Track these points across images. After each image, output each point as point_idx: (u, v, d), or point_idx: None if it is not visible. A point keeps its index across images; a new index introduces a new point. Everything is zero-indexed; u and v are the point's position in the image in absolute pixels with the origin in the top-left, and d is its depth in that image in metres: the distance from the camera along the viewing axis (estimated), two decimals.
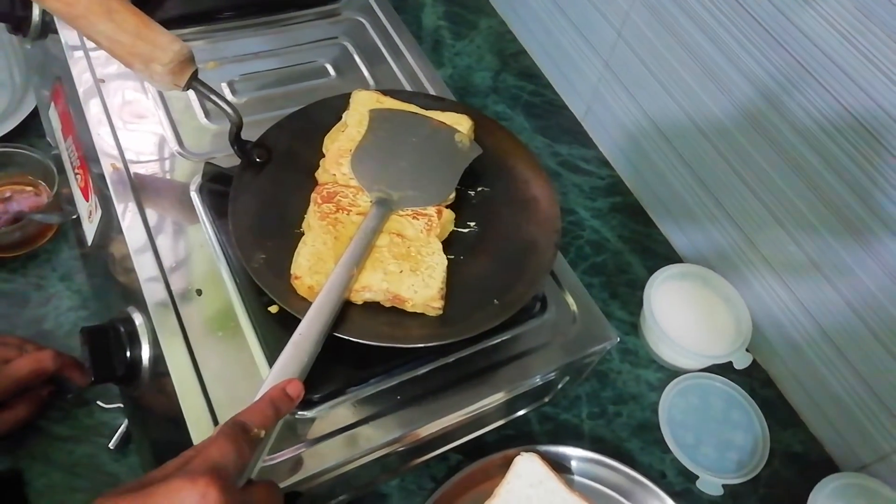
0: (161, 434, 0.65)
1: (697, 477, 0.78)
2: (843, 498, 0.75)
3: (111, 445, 0.71)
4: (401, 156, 0.67)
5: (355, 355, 0.59)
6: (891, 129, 0.65)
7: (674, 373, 0.86)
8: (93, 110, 0.73)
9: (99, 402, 0.73)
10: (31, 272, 0.82)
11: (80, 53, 0.77)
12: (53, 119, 0.81)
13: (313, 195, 0.63)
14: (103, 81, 0.74)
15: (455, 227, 0.66)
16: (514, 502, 0.70)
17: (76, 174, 0.75)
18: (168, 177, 0.70)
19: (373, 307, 0.59)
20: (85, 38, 0.73)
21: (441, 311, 0.59)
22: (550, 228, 0.66)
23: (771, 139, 0.78)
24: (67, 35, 0.78)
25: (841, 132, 0.70)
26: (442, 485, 0.70)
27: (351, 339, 0.56)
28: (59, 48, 0.78)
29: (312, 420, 0.58)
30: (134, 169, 0.69)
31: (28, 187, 0.86)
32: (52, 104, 0.81)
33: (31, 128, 0.91)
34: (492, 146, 0.71)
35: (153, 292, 0.61)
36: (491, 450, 0.73)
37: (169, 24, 0.61)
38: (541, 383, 0.66)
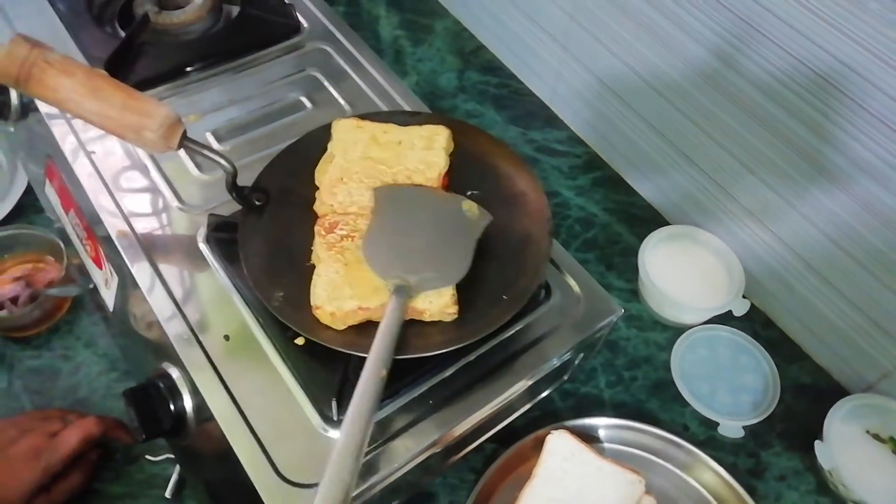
0: (215, 474, 0.68)
1: (718, 424, 0.82)
2: (857, 419, 0.79)
3: (167, 494, 0.74)
4: (412, 234, 0.65)
5: None
6: (844, 74, 0.69)
7: (679, 330, 0.90)
8: (89, 182, 0.75)
9: (147, 457, 0.76)
10: (55, 345, 0.84)
11: (65, 128, 0.78)
12: (51, 196, 0.83)
13: (316, 228, 0.66)
14: (94, 153, 0.77)
15: None
16: (552, 479, 0.73)
17: (85, 245, 0.78)
18: (174, 233, 0.72)
19: None
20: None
21: (456, 315, 0.62)
22: (542, 218, 0.69)
23: (730, 95, 0.82)
24: (49, 112, 0.79)
25: (797, 82, 0.73)
26: (483, 475, 0.74)
27: None
28: (43, 126, 0.80)
29: None
30: (140, 231, 0.72)
31: (38, 264, 0.88)
32: (48, 181, 0.83)
33: (27, 206, 0.93)
34: (473, 149, 0.74)
35: (183, 345, 0.64)
36: (522, 433, 0.76)
37: (141, 85, 0.64)
38: (558, 364, 0.70)
